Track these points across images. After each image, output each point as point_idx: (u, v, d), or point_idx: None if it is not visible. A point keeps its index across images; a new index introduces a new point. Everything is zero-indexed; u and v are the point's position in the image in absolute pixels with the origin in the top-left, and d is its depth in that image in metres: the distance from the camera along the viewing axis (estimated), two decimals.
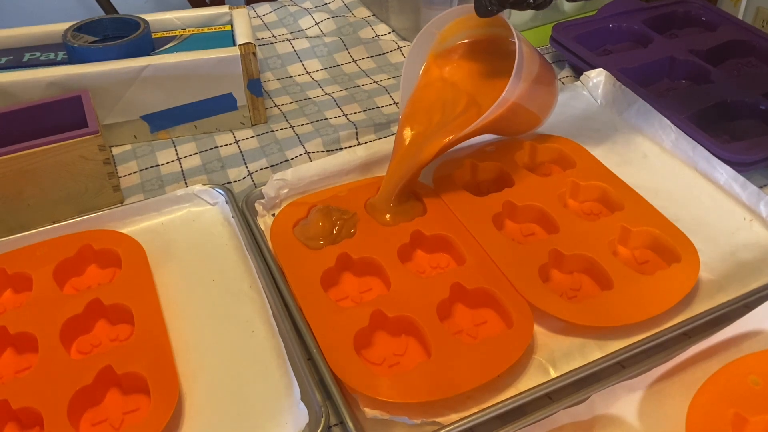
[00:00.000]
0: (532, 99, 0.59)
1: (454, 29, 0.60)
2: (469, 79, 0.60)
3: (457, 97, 0.59)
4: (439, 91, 0.60)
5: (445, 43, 0.61)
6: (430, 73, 0.61)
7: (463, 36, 0.61)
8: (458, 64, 0.61)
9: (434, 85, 0.60)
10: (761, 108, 0.67)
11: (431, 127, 0.58)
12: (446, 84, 0.60)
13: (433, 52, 0.61)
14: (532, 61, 0.57)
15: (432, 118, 0.58)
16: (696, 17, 0.84)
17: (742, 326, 0.48)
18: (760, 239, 0.56)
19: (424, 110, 0.59)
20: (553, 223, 0.56)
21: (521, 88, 0.55)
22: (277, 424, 0.44)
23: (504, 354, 0.46)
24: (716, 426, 0.42)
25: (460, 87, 0.60)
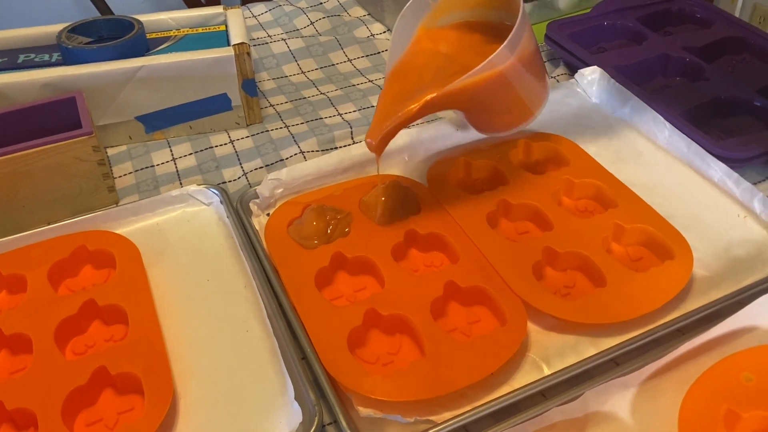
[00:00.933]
0: (522, 81, 0.57)
1: (451, 4, 0.59)
2: (462, 53, 0.58)
3: (448, 65, 0.57)
4: (429, 58, 0.58)
5: (438, 20, 0.59)
6: (421, 44, 0.59)
7: (459, 16, 0.60)
8: (449, 41, 0.59)
9: (424, 53, 0.58)
10: (755, 104, 0.67)
11: (419, 86, 0.55)
12: (437, 53, 0.59)
13: (424, 26, 0.59)
14: (529, 40, 0.55)
15: (422, 78, 0.56)
16: (690, 14, 0.84)
17: (735, 323, 0.48)
18: (753, 236, 0.56)
19: (413, 70, 0.57)
20: (547, 221, 0.56)
21: (513, 61, 0.53)
22: (271, 424, 0.44)
23: (497, 352, 0.46)
24: (709, 422, 0.42)
25: (452, 57, 0.58)
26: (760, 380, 0.44)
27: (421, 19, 0.59)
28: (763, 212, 0.57)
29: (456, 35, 0.60)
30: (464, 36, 0.60)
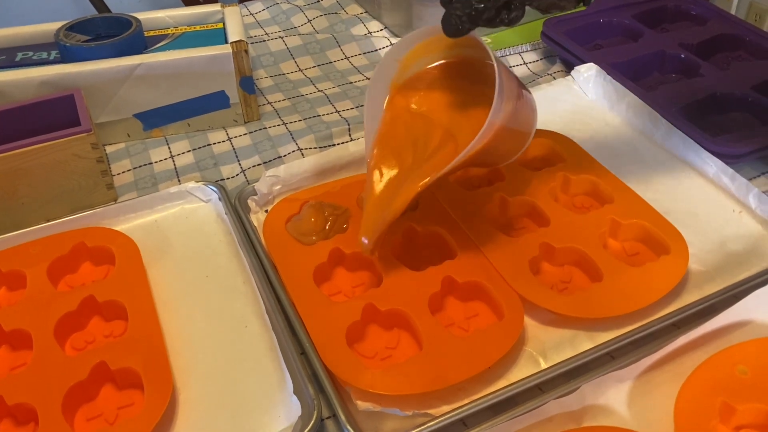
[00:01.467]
0: (511, 129, 0.53)
1: (417, 54, 0.54)
2: (441, 108, 0.54)
3: (429, 131, 0.53)
4: (408, 126, 0.53)
5: (408, 71, 0.55)
6: (395, 104, 0.54)
7: (428, 61, 0.55)
8: (425, 93, 0.55)
9: (401, 119, 0.54)
10: (750, 101, 0.68)
11: (404, 170, 0.51)
12: (415, 116, 0.54)
13: (395, 82, 0.55)
14: (510, 82, 0.51)
15: (404, 160, 0.52)
16: (686, 11, 0.84)
17: (731, 317, 0.48)
18: (749, 230, 0.57)
19: (393, 150, 0.53)
20: (544, 217, 0.56)
21: (502, 116, 0.48)
22: (270, 418, 0.44)
23: (495, 346, 0.46)
24: (704, 414, 0.43)
25: (432, 119, 0.54)
26: (755, 373, 0.44)
27: (391, 78, 0.55)
28: (759, 207, 0.57)
29: (429, 87, 0.55)
30: (438, 86, 0.55)
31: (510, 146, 0.56)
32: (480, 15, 0.44)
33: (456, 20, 0.45)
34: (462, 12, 0.44)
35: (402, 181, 0.51)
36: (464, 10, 0.44)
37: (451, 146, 0.51)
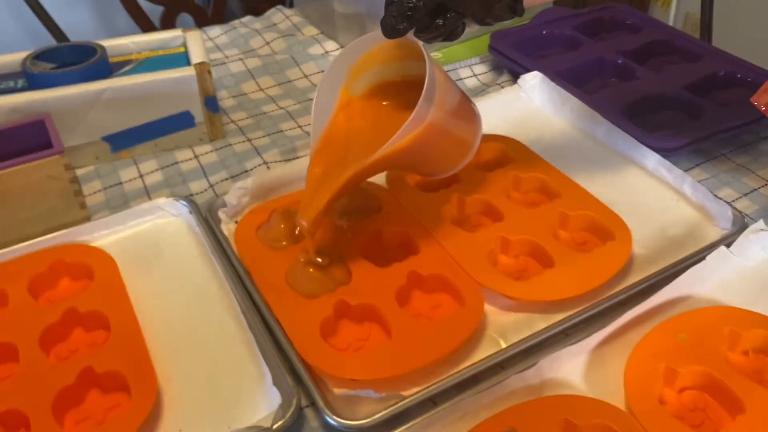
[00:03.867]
0: (447, 131, 0.55)
1: (368, 63, 0.56)
2: (381, 119, 0.57)
3: (366, 135, 0.56)
4: (349, 130, 0.57)
5: (357, 79, 0.57)
6: (342, 109, 0.57)
7: (377, 74, 0.57)
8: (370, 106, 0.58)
9: (345, 123, 0.57)
10: (682, 100, 0.74)
11: (338, 165, 0.54)
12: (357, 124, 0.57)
13: (345, 89, 0.57)
14: (447, 86, 0.53)
15: (340, 157, 0.55)
16: (621, 21, 0.90)
17: (671, 292, 0.53)
18: (686, 216, 0.62)
19: (333, 149, 0.56)
20: (499, 213, 0.61)
21: (432, 114, 0.51)
22: (252, 409, 0.47)
23: (458, 330, 0.50)
24: (651, 379, 0.47)
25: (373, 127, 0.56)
26: (694, 339, 0.49)
27: (341, 85, 0.57)
28: (693, 195, 0.62)
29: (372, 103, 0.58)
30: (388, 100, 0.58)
31: (448, 151, 0.58)
32: (413, 14, 0.47)
33: (392, 20, 0.48)
34: (397, 12, 0.47)
35: (335, 173, 0.54)
36: (399, 10, 0.47)
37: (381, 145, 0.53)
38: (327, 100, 0.57)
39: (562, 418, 0.44)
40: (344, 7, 0.90)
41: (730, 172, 0.68)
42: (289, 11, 1.01)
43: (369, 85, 0.58)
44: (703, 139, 0.68)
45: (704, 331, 0.49)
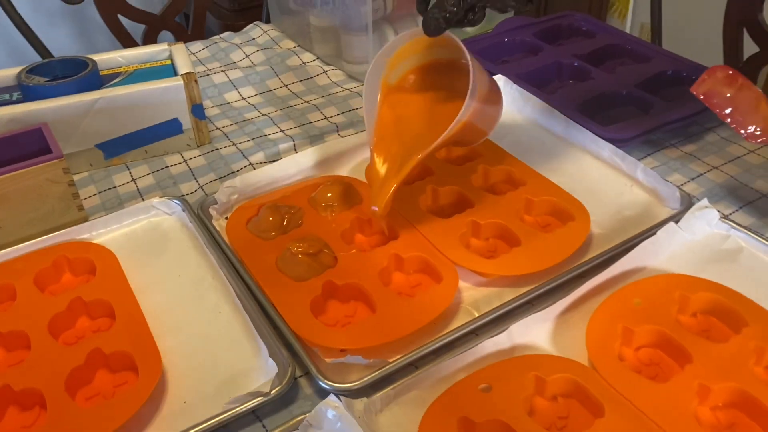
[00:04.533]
0: (483, 113, 0.64)
1: (402, 56, 0.64)
2: (424, 102, 0.65)
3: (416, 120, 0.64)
4: (399, 118, 0.64)
5: (396, 70, 0.65)
6: (388, 100, 0.64)
7: (411, 62, 0.65)
8: (412, 90, 0.65)
9: (394, 112, 0.64)
10: (633, 96, 0.80)
11: (399, 152, 0.61)
12: (404, 109, 0.64)
13: (385, 81, 0.64)
14: (482, 74, 0.61)
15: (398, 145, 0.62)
16: (578, 28, 0.97)
17: (626, 264, 0.59)
18: (639, 199, 0.68)
19: (389, 138, 0.63)
20: (469, 201, 0.66)
21: (473, 107, 0.59)
22: (251, 381, 0.51)
23: (436, 304, 0.55)
24: (610, 338, 0.52)
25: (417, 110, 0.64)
26: (647, 303, 0.54)
27: (381, 76, 0.64)
28: (645, 180, 0.68)
29: (413, 87, 0.65)
30: (420, 85, 0.65)
31: (486, 124, 0.67)
32: (453, 17, 0.56)
33: (434, 23, 0.56)
34: (439, 15, 0.55)
35: (398, 160, 0.61)
36: (441, 14, 0.55)
37: (433, 130, 0.60)
38: (372, 97, 0.64)
39: (532, 375, 0.49)
40: (319, 21, 0.96)
41: (679, 159, 0.74)
42: (267, 26, 1.06)
43: (403, 72, 0.65)
44: (652, 131, 0.74)
45: (656, 295, 0.55)
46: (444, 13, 0.55)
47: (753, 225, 0.65)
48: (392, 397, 0.49)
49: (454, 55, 0.63)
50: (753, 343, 0.51)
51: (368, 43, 0.90)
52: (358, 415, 0.47)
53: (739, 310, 0.53)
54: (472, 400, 0.48)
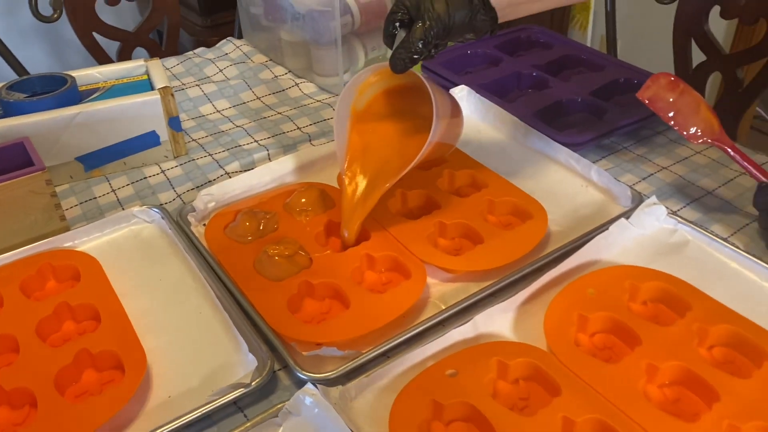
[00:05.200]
0: (446, 135, 0.68)
1: (369, 84, 0.68)
2: (391, 127, 0.69)
3: (384, 147, 0.68)
4: (368, 144, 0.68)
5: (364, 95, 0.68)
6: (357, 126, 0.68)
7: (377, 88, 0.69)
8: (379, 116, 0.69)
9: (363, 139, 0.68)
10: (587, 103, 0.85)
11: (369, 179, 0.66)
12: (373, 136, 0.68)
13: (355, 107, 0.68)
14: (444, 99, 0.65)
15: (368, 171, 0.66)
16: (536, 40, 1.02)
17: (581, 257, 0.63)
18: (594, 199, 0.72)
19: (359, 164, 0.67)
20: (436, 203, 0.70)
21: (438, 133, 0.63)
22: (232, 376, 0.54)
23: (405, 298, 0.59)
24: (566, 325, 0.56)
25: (385, 136, 0.68)
26: (600, 292, 0.59)
27: (351, 103, 0.68)
28: (599, 180, 0.73)
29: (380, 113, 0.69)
30: (387, 110, 0.69)
31: (449, 139, 0.71)
32: (419, 57, 0.60)
33: (401, 63, 0.60)
34: (406, 56, 0.59)
35: (370, 184, 0.65)
36: (407, 55, 0.59)
37: (402, 155, 0.66)
38: (343, 120, 0.68)
39: (495, 360, 0.53)
40: (290, 36, 0.99)
41: (631, 161, 0.79)
42: (239, 41, 1.10)
43: (369, 98, 0.69)
44: (605, 135, 0.79)
45: (609, 285, 0.59)
46: (410, 54, 0.59)
47: (699, 220, 0.70)
48: (366, 385, 0.53)
49: (416, 80, 0.66)
50: (696, 326, 0.55)
51: (337, 56, 0.94)
52: (334, 401, 0.50)
53: (684, 296, 0.58)
54: (440, 384, 0.52)
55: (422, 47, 0.59)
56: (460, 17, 0.59)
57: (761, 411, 0.49)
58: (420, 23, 0.58)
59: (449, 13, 0.58)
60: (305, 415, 0.50)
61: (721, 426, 0.48)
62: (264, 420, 0.50)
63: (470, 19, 0.59)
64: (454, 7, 0.58)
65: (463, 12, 0.59)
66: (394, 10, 0.61)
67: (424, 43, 0.59)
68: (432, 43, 0.59)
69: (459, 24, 0.59)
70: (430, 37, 0.58)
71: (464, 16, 0.59)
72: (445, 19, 0.58)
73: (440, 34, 0.59)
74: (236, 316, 0.58)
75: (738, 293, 0.60)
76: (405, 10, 0.60)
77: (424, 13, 0.58)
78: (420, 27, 0.58)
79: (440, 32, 0.59)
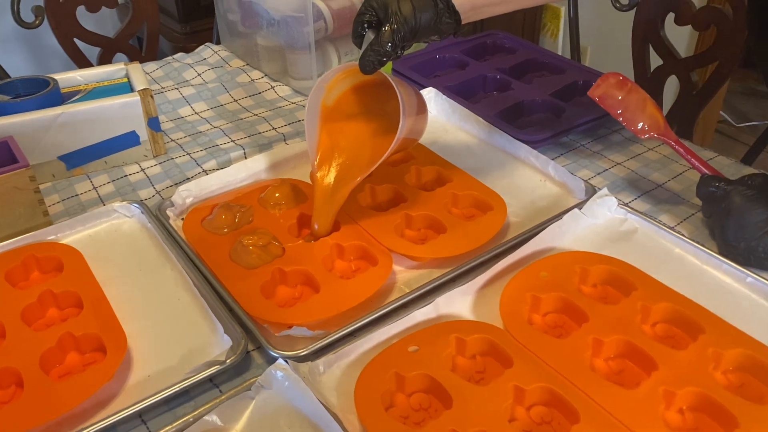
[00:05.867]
0: (411, 131, 0.71)
1: (338, 81, 0.71)
2: (360, 123, 0.72)
3: (354, 142, 0.71)
4: (338, 139, 0.71)
5: (333, 92, 0.71)
6: (327, 122, 0.71)
7: (346, 84, 0.72)
8: (348, 112, 0.72)
9: (333, 134, 0.71)
10: (547, 103, 0.90)
11: (340, 173, 0.70)
12: (342, 131, 0.72)
13: (325, 103, 0.71)
14: (410, 97, 0.68)
15: (338, 165, 0.70)
16: (501, 45, 1.07)
17: (535, 244, 0.68)
18: (551, 192, 0.77)
19: (330, 159, 0.70)
20: (403, 197, 0.74)
21: (405, 130, 0.67)
22: (207, 354, 0.58)
23: (372, 283, 0.63)
24: (521, 305, 0.61)
25: (355, 131, 0.72)
26: (553, 275, 0.63)
27: (321, 99, 0.71)
28: (556, 175, 0.78)
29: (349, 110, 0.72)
30: (355, 106, 0.72)
31: (414, 134, 0.75)
32: (388, 59, 0.63)
33: (370, 65, 0.63)
34: (374, 58, 0.63)
35: (339, 180, 0.69)
36: (376, 57, 0.63)
37: (370, 151, 0.70)
38: (313, 118, 0.71)
39: (454, 336, 0.57)
40: (266, 41, 1.03)
41: (587, 157, 0.84)
42: (217, 47, 1.13)
43: (338, 94, 0.72)
44: (563, 133, 0.84)
45: (561, 269, 0.64)
46: (379, 56, 0.63)
47: (649, 210, 0.75)
48: (333, 361, 0.57)
49: (384, 79, 0.70)
50: (640, 304, 0.60)
51: (311, 60, 0.98)
52: (303, 375, 0.54)
53: (630, 278, 0.63)
54: (403, 359, 0.56)
55: (390, 49, 0.63)
56: (425, 19, 0.63)
57: (694, 378, 0.53)
58: (388, 26, 0.62)
59: (415, 15, 0.62)
60: (276, 388, 0.54)
61: (657, 391, 0.52)
62: (238, 393, 0.54)
63: (435, 21, 0.64)
64: (420, 9, 0.62)
65: (428, 14, 0.63)
66: (363, 12, 0.65)
67: (393, 46, 0.62)
68: (399, 45, 0.63)
69: (425, 26, 0.63)
70: (398, 40, 0.62)
71: (429, 19, 0.63)
72: (412, 21, 0.62)
73: (407, 37, 0.63)
74: (213, 302, 0.62)
75: (681, 275, 0.65)
76: (373, 12, 0.64)
77: (391, 16, 0.62)
78: (388, 30, 0.62)
79: (407, 34, 0.63)
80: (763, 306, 0.62)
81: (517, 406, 0.53)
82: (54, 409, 0.53)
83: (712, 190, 0.68)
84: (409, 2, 0.62)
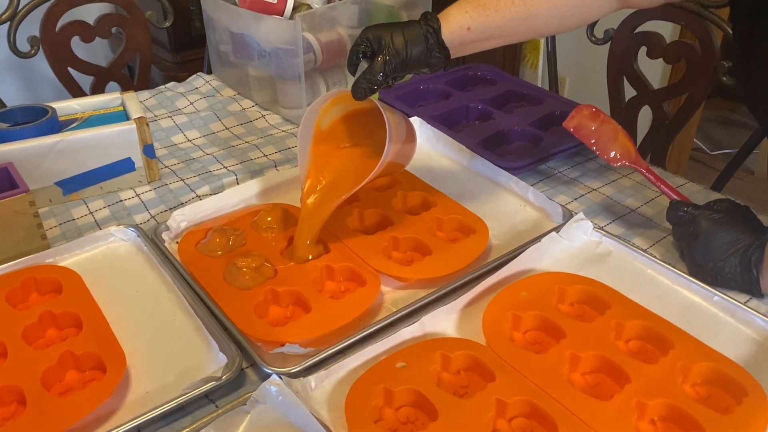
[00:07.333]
0: (399, 156, 0.75)
1: (332, 105, 0.75)
2: (348, 148, 0.77)
3: (342, 165, 0.75)
4: (327, 162, 0.76)
5: (327, 116, 0.76)
6: (319, 145, 0.76)
7: (339, 110, 0.76)
8: (339, 137, 0.77)
9: (323, 157, 0.76)
10: (526, 132, 0.95)
11: (324, 194, 0.74)
12: (332, 155, 0.76)
13: (318, 125, 0.76)
14: (398, 125, 0.71)
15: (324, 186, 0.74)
16: (482, 77, 1.12)
17: (516, 266, 0.71)
18: (530, 216, 0.81)
19: (317, 180, 0.74)
20: (390, 220, 0.78)
21: (391, 155, 0.70)
22: (204, 372, 0.60)
23: (361, 303, 0.66)
24: (501, 324, 0.64)
25: (343, 156, 0.76)
26: (532, 295, 0.67)
27: (315, 121, 0.76)
28: (535, 200, 0.82)
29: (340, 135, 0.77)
30: (346, 133, 0.77)
31: (402, 160, 0.78)
32: (379, 87, 0.67)
33: (362, 92, 0.67)
34: (366, 86, 0.67)
35: (321, 201, 0.73)
36: (368, 85, 0.67)
37: (356, 174, 0.73)
38: (306, 135, 0.75)
39: (440, 353, 0.60)
40: (257, 72, 1.07)
41: (565, 184, 0.89)
42: (209, 76, 1.17)
43: (332, 119, 0.76)
44: (542, 160, 0.89)
45: (540, 289, 0.67)
46: (370, 84, 0.67)
47: (623, 234, 0.79)
48: (324, 377, 0.59)
49: (375, 107, 0.73)
50: (614, 321, 0.63)
51: (301, 90, 1.02)
52: (295, 391, 0.57)
53: (605, 298, 0.66)
54: (391, 374, 0.58)
55: (382, 79, 0.67)
56: (416, 53, 0.67)
57: (665, 390, 0.57)
58: (381, 57, 0.66)
59: (407, 48, 0.67)
60: (270, 403, 0.56)
61: (630, 403, 0.56)
62: (233, 408, 0.56)
63: (425, 55, 0.68)
64: (411, 43, 0.67)
65: (419, 48, 0.67)
66: (358, 42, 0.69)
67: (384, 76, 0.67)
68: (390, 75, 0.67)
69: (415, 59, 0.68)
70: (389, 70, 0.67)
71: (420, 53, 0.68)
72: (403, 54, 0.67)
73: (398, 68, 0.67)
74: (208, 321, 0.65)
75: (653, 295, 0.68)
76: (368, 43, 0.68)
77: (384, 48, 0.67)
78: (380, 60, 0.66)
79: (398, 66, 0.67)
80: (729, 323, 0.66)
81: (499, 418, 0.56)
82: (55, 425, 0.55)
83: (680, 214, 0.72)
84: (401, 36, 0.66)
